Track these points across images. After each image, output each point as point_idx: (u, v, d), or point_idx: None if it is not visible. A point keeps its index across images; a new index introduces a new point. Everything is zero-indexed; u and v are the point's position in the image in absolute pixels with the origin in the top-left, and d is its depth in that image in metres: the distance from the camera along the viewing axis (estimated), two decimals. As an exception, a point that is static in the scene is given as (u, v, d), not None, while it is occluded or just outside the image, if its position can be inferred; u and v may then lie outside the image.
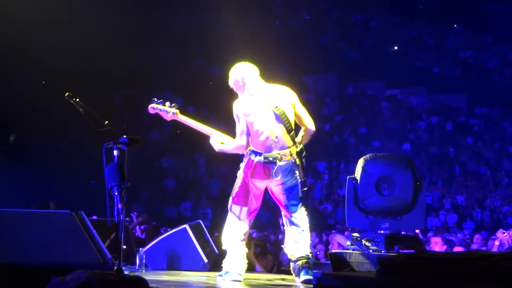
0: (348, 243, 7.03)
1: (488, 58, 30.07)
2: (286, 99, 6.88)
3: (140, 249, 7.86)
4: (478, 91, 27.07)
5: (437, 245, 10.45)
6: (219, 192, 19.39)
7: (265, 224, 16.92)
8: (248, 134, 6.72)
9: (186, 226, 8.13)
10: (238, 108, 6.81)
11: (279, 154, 6.67)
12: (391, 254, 6.37)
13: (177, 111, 7.22)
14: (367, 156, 7.10)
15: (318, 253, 11.26)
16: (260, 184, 6.74)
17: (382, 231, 6.90)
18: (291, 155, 6.70)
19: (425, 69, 28.82)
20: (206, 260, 7.92)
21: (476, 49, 30.32)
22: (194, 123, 7.27)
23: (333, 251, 7.65)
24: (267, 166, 6.65)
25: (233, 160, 20.46)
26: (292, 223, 6.73)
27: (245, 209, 6.77)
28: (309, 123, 6.97)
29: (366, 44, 28.84)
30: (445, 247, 10.32)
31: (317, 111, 24.37)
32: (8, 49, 15.39)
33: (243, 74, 7.01)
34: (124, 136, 6.59)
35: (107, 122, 6.92)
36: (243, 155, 6.86)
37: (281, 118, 6.75)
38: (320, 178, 19.90)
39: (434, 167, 22.09)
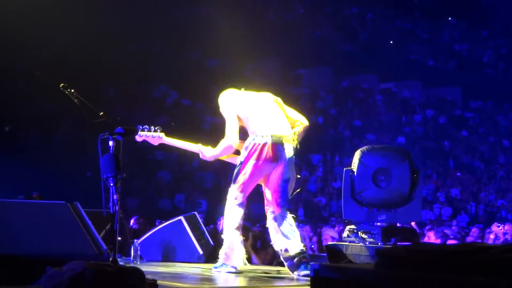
0: (345, 235, 7.00)
1: (483, 52, 30.09)
2: (274, 97, 7.04)
3: (135, 240, 7.84)
4: (473, 85, 27.09)
5: (431, 239, 10.44)
6: (213, 184, 19.35)
7: (260, 217, 16.89)
8: (236, 129, 6.75)
9: (181, 217, 8.12)
10: (224, 106, 6.91)
11: (283, 136, 6.68)
12: (389, 246, 6.36)
13: (163, 134, 7.21)
14: (364, 148, 7.07)
15: (312, 246, 11.24)
16: (265, 168, 6.65)
17: (378, 223, 6.87)
18: (293, 140, 6.71)
19: (420, 62, 28.81)
20: (201, 252, 7.90)
21: (471, 43, 30.33)
22: (180, 143, 7.36)
23: (329, 243, 7.62)
24: (275, 146, 6.62)
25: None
26: (283, 219, 6.67)
27: (243, 195, 6.73)
28: (303, 118, 7.02)
29: (360, 37, 28.80)
30: (439, 240, 10.31)
31: (311, 104, 24.35)
32: (3, 41, 15.33)
33: (227, 97, 7.10)
34: (120, 127, 6.57)
35: (102, 113, 6.89)
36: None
37: (277, 105, 6.77)
38: (315, 171, 19.87)
39: (428, 160, 22.10)
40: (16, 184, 14.18)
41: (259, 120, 6.68)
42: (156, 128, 7.18)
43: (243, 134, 6.99)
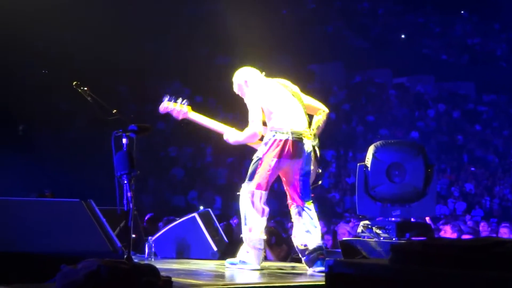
0: (359, 230, 6.98)
1: (496, 45, 29.95)
2: (294, 86, 6.91)
3: (150, 237, 7.85)
4: (486, 78, 26.97)
5: (446, 233, 10.40)
6: (227, 181, 19.38)
7: (275, 213, 16.89)
8: (261, 121, 6.61)
9: (195, 214, 8.11)
10: (251, 95, 6.71)
11: (304, 131, 6.60)
12: (404, 241, 6.33)
13: (188, 108, 7.05)
14: (378, 143, 7.04)
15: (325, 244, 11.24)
16: (285, 165, 6.54)
17: (393, 219, 6.85)
18: (313, 136, 6.66)
19: (433, 56, 28.73)
20: (215, 249, 7.89)
21: (483, 36, 30.21)
22: (205, 120, 7.12)
23: (343, 239, 7.60)
24: (296, 144, 6.51)
25: (240, 149, 20.49)
26: (304, 212, 6.63)
27: (264, 193, 6.59)
28: (323, 106, 6.94)
29: (373, 32, 28.75)
30: (455, 234, 10.27)
31: (324, 100, 24.23)
32: (15, 40, 15.38)
33: (246, 77, 6.94)
34: (133, 124, 6.57)
35: (115, 110, 6.89)
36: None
37: (296, 99, 6.73)
38: (328, 167, 19.85)
39: (442, 155, 22.03)
40: (30, 182, 14.23)
41: (280, 116, 6.59)
42: (183, 101, 7.04)
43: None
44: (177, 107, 7.03)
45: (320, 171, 6.84)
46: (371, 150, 7.00)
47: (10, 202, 5.48)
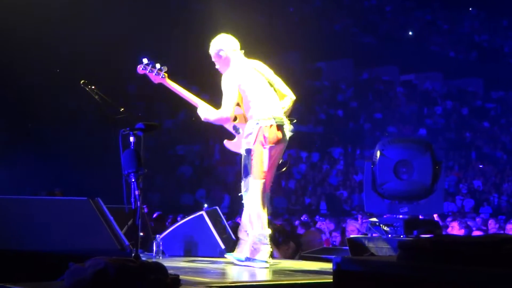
0: (367, 228, 6.96)
1: (504, 42, 29.87)
2: (268, 71, 6.86)
3: (157, 236, 7.84)
4: (494, 75, 26.91)
5: (454, 229, 10.38)
6: (235, 179, 19.35)
7: (283, 210, 16.91)
8: (234, 106, 6.57)
9: (203, 212, 8.09)
10: (231, 78, 6.65)
11: (283, 117, 6.61)
12: (412, 238, 6.31)
13: (166, 75, 6.94)
14: (385, 140, 7.03)
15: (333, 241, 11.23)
16: (274, 151, 6.52)
17: (400, 216, 6.83)
18: (287, 119, 6.64)
19: (441, 53, 28.66)
20: (223, 247, 7.88)
21: (491, 33, 30.12)
22: (181, 90, 7.08)
23: (351, 236, 7.59)
24: (280, 128, 6.53)
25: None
26: (267, 200, 6.64)
27: (264, 184, 6.55)
28: (291, 93, 6.88)
29: (380, 29, 28.69)
30: (463, 231, 10.25)
31: (332, 97, 24.31)
32: (24, 39, 15.40)
33: (229, 46, 6.93)
34: (140, 123, 6.58)
35: (122, 109, 6.90)
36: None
37: (272, 86, 6.73)
38: (336, 164, 19.83)
39: (450, 151, 21.99)
40: (38, 181, 14.26)
41: (260, 104, 6.56)
42: (162, 67, 6.93)
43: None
44: (154, 72, 6.92)
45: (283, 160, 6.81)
46: (378, 147, 6.98)
47: (18, 200, 5.50)
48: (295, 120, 6.79)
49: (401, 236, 6.57)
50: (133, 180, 5.77)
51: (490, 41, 30.03)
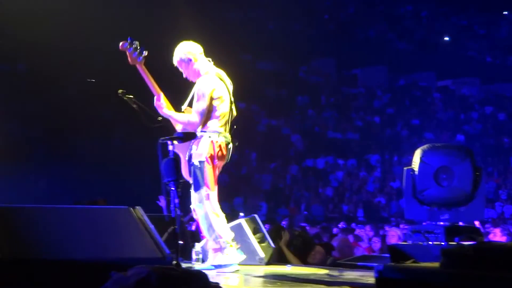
0: (407, 234, 6.91)
1: (542, 45, 29.55)
2: (230, 85, 7.01)
3: (196, 244, 7.85)
4: (533, 80, 26.62)
5: (496, 236, 10.27)
6: (271, 187, 19.37)
7: (321, 218, 16.87)
8: (205, 115, 6.65)
9: (242, 220, 8.09)
10: (208, 87, 6.72)
11: (230, 137, 6.79)
12: (454, 245, 6.26)
13: (142, 60, 6.88)
14: (425, 146, 6.99)
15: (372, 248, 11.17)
16: (218, 165, 6.75)
17: (441, 223, 6.78)
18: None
19: (477, 58, 28.44)
20: (262, 255, 7.86)
21: (529, 37, 29.83)
22: (149, 79, 6.99)
23: (392, 243, 7.54)
24: (227, 147, 6.72)
25: (284, 155, 20.44)
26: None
27: (215, 194, 6.79)
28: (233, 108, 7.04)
29: (416, 35, 28.55)
30: (505, 238, 10.13)
31: (368, 103, 24.23)
32: (59, 49, 15.55)
33: (196, 52, 7.00)
34: (179, 131, 6.61)
35: (160, 118, 6.94)
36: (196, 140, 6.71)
37: (230, 105, 6.88)
38: (373, 171, 19.74)
39: (489, 158, 21.77)
40: (78, 191, 14.38)
41: (217, 119, 6.70)
42: (144, 51, 6.87)
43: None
44: (133, 53, 6.86)
45: None
46: (418, 153, 6.94)
47: (60, 209, 5.53)
48: (237, 144, 6.98)
49: (442, 243, 6.52)
50: (172, 188, 5.81)
51: (528, 45, 29.72)
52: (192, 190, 6.78)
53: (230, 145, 6.79)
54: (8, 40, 16.43)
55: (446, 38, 29.34)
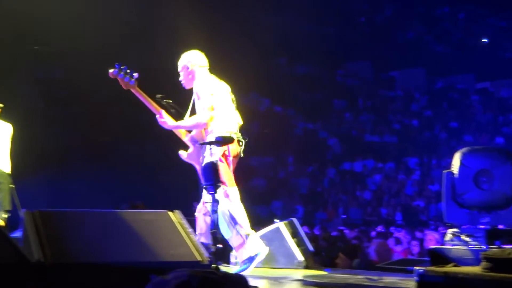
0: (447, 238, 6.86)
1: None
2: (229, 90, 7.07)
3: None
4: None
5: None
6: (309, 190, 19.34)
7: (358, 221, 16.81)
8: (211, 110, 6.72)
9: (280, 224, 8.10)
10: (209, 85, 6.82)
11: (239, 134, 6.84)
12: (496, 249, 6.19)
13: (135, 83, 6.89)
14: (465, 149, 6.93)
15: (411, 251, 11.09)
16: (234, 163, 6.81)
17: (481, 226, 6.72)
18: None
19: (516, 60, 28.09)
20: (301, 258, 7.86)
21: None
22: (146, 99, 6.96)
23: (431, 247, 7.49)
24: (238, 144, 6.77)
25: (321, 160, 20.41)
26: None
27: (233, 189, 6.79)
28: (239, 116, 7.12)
29: (454, 37, 28.33)
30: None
31: (406, 106, 24.09)
32: (96, 55, 15.71)
33: (197, 62, 7.08)
34: (217, 135, 6.64)
35: (197, 121, 6.96)
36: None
37: (234, 105, 6.99)
38: (411, 174, 19.61)
39: (528, 160, 21.46)
40: (116, 194, 14.48)
41: (224, 117, 6.78)
42: (134, 73, 6.86)
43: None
44: (125, 78, 6.88)
45: None
46: (457, 156, 6.89)
47: (100, 214, 5.59)
48: (246, 139, 7.00)
49: (483, 247, 6.45)
50: (211, 192, 5.83)
51: None
52: (205, 191, 6.75)
53: (242, 142, 6.83)
54: (45, 47, 16.66)
55: (484, 40, 29.06)
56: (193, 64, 7.04)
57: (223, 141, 6.30)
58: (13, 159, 9.63)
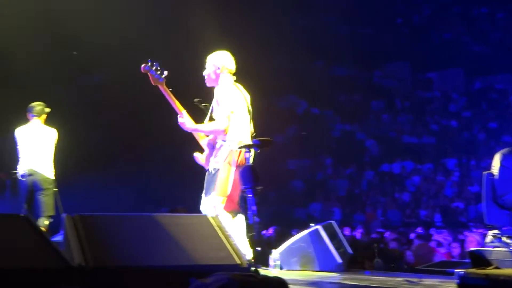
0: (488, 240, 6.79)
1: None
2: (249, 98, 7.12)
3: (273, 250, 7.88)
4: None
5: None
6: (347, 192, 19.27)
7: (397, 223, 16.70)
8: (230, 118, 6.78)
9: (319, 227, 8.10)
10: (228, 93, 6.87)
11: (251, 144, 6.78)
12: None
13: (164, 80, 7.03)
14: (505, 150, 6.87)
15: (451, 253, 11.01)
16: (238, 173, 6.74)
17: (523, 228, 6.65)
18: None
19: (556, 59, 27.72)
20: (340, 261, 7.85)
21: None
22: (171, 98, 7.09)
23: (472, 249, 7.42)
24: (247, 153, 6.69)
25: (359, 161, 20.33)
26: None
27: (231, 201, 6.78)
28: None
29: (492, 37, 28.02)
30: None
31: (444, 107, 23.89)
32: (134, 56, 15.81)
33: (227, 65, 7.14)
34: (256, 139, 6.66)
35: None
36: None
37: (250, 115, 6.99)
38: (450, 176, 19.44)
39: None
40: (159, 198, 14.56)
41: (237, 126, 6.82)
42: (164, 71, 7.00)
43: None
44: (155, 74, 7.02)
45: None
46: (497, 157, 6.82)
47: (141, 217, 5.63)
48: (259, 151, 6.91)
49: (525, 249, 6.39)
50: (250, 195, 5.85)
51: None
52: (203, 194, 6.94)
53: (252, 151, 6.78)
54: (83, 52, 16.82)
55: (523, 39, 28.71)
56: (223, 66, 7.13)
57: (261, 144, 6.31)
58: (56, 163, 9.78)
